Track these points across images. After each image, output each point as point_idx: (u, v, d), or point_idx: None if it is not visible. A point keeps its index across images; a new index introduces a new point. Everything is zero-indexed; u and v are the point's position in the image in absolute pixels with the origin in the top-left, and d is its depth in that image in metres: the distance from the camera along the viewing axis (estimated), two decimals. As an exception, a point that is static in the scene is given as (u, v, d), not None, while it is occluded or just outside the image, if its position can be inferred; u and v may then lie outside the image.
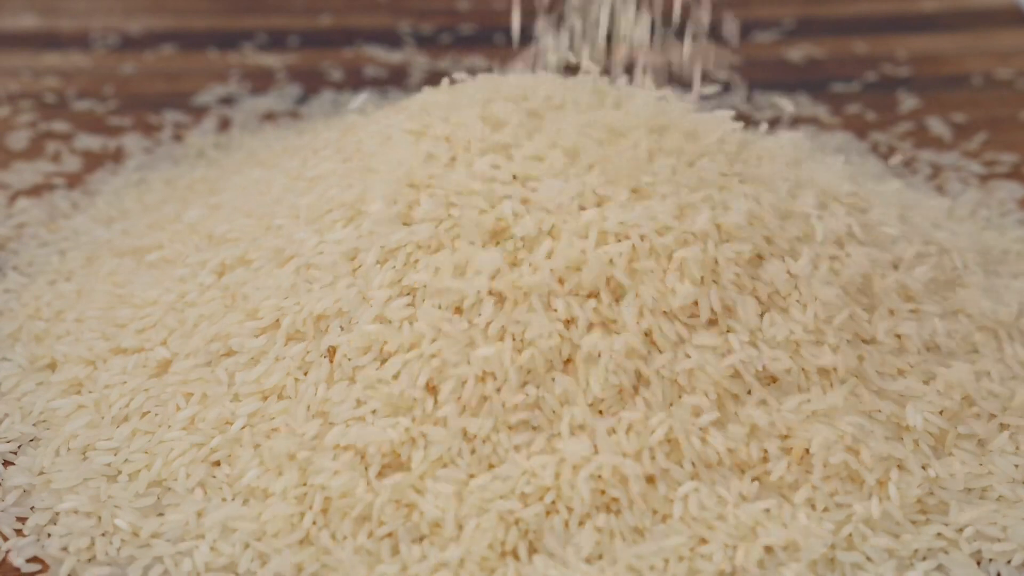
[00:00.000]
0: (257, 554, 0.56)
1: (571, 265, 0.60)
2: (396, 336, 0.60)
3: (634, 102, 0.69)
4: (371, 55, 1.13)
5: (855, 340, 0.62)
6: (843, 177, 0.70)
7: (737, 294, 0.61)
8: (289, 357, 0.62)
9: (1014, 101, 1.05)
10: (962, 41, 1.17)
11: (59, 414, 0.64)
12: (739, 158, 0.67)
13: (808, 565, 0.56)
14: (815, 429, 0.59)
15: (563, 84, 0.71)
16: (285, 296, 0.63)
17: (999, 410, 0.63)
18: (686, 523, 0.57)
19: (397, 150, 0.68)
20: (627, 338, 0.59)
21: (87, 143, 0.96)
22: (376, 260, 0.62)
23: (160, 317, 0.67)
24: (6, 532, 0.59)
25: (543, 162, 0.64)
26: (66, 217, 0.85)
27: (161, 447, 0.61)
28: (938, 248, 0.69)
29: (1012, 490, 0.60)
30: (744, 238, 0.62)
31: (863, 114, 1.04)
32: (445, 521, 0.56)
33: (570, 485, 0.56)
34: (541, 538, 0.56)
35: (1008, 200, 0.89)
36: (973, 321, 0.66)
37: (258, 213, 0.70)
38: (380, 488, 0.57)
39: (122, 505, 0.59)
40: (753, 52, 1.15)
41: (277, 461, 0.59)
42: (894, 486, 0.59)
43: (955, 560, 0.57)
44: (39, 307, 0.73)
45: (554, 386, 0.59)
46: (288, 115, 1.02)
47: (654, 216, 0.61)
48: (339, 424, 0.59)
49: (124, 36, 1.16)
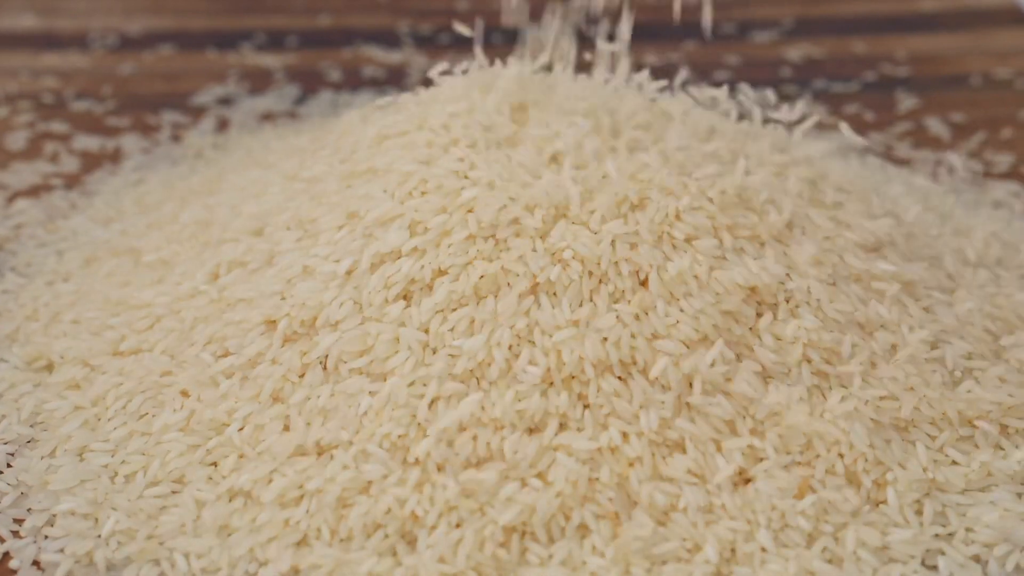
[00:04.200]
0: (254, 556, 0.56)
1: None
2: (391, 339, 0.60)
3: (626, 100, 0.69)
4: (370, 55, 1.13)
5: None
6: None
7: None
8: (285, 359, 0.62)
9: (1013, 101, 1.05)
10: (961, 41, 1.17)
11: (56, 415, 0.64)
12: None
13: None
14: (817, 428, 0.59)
15: (555, 81, 0.71)
16: (282, 298, 0.63)
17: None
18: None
19: (393, 152, 0.68)
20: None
21: (85, 143, 0.96)
22: (371, 263, 0.62)
23: (157, 319, 0.67)
24: (3, 534, 0.59)
25: (539, 164, 0.64)
26: (64, 217, 0.85)
27: (158, 448, 0.61)
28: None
29: (1012, 491, 0.60)
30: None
31: (862, 114, 1.03)
32: (443, 523, 0.56)
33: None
34: (542, 538, 0.56)
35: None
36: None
37: (255, 215, 0.70)
38: (377, 490, 0.57)
39: (119, 506, 0.59)
40: (752, 52, 1.15)
41: (274, 463, 0.59)
42: (892, 488, 0.59)
43: (954, 560, 0.57)
44: (37, 308, 0.73)
45: (553, 389, 0.59)
46: (286, 115, 1.02)
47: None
48: (335, 426, 0.59)
49: (123, 36, 1.16)
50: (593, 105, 0.69)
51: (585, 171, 0.64)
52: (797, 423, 0.59)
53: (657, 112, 0.70)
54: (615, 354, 0.59)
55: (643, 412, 0.58)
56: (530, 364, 0.59)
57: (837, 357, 0.61)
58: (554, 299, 0.60)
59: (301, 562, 0.55)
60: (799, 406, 0.60)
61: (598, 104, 0.69)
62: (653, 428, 0.58)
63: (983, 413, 0.62)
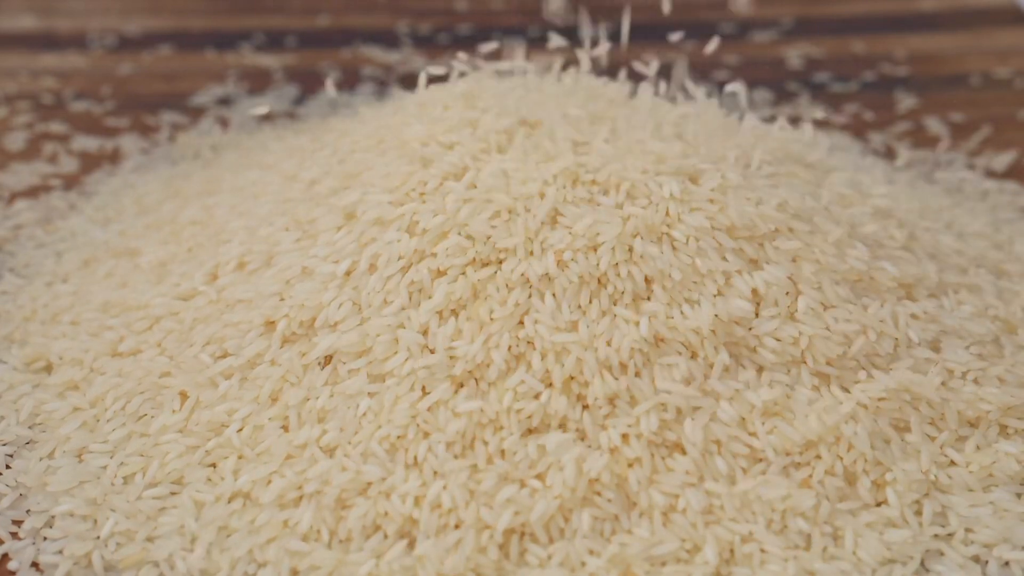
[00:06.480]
0: (253, 557, 0.56)
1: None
2: (390, 340, 0.60)
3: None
4: (369, 55, 1.13)
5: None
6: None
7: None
8: (284, 360, 0.62)
9: (1013, 101, 1.05)
10: (961, 40, 1.17)
11: (55, 416, 0.64)
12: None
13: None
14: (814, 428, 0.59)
15: (550, 83, 0.71)
16: (281, 299, 0.63)
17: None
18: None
19: (392, 153, 0.68)
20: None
21: (84, 144, 0.96)
22: (370, 264, 0.62)
23: (156, 319, 0.67)
24: (2, 535, 0.59)
25: (537, 165, 0.64)
26: (63, 218, 0.85)
27: (157, 449, 0.61)
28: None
29: (1012, 491, 0.60)
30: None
31: (861, 114, 1.03)
32: (442, 524, 0.56)
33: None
34: (541, 539, 0.56)
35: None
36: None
37: (254, 215, 0.70)
38: (376, 491, 0.57)
39: (118, 508, 0.59)
40: (752, 52, 1.15)
41: (273, 464, 0.59)
42: (891, 488, 0.59)
43: (954, 561, 0.57)
44: (35, 309, 0.73)
45: (551, 390, 0.59)
46: (285, 115, 1.02)
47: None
48: (334, 426, 0.59)
49: (121, 37, 1.16)
50: (593, 104, 0.69)
51: (585, 171, 0.64)
52: (797, 424, 0.59)
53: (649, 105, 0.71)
54: (614, 356, 0.59)
55: (643, 413, 0.58)
56: (529, 365, 0.59)
57: (837, 358, 0.61)
58: (553, 300, 0.60)
59: (300, 563, 0.55)
60: (799, 407, 0.60)
61: (597, 102, 0.69)
62: (653, 429, 0.58)
63: (983, 413, 0.62)
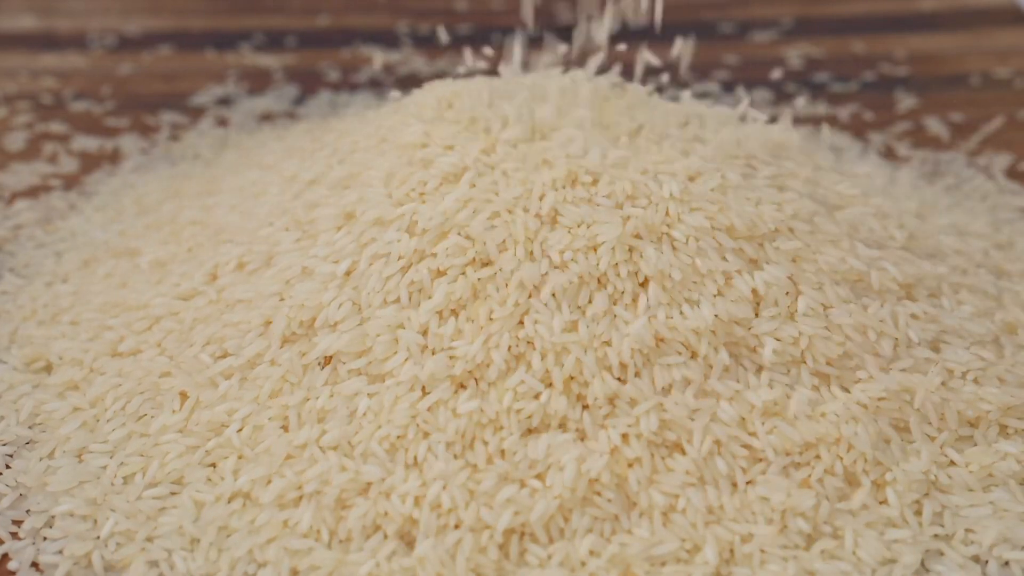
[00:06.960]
0: (253, 557, 0.56)
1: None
2: (390, 340, 0.60)
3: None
4: (369, 55, 1.13)
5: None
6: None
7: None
8: (284, 360, 0.62)
9: (1013, 101, 1.05)
10: (961, 40, 1.17)
11: (55, 416, 0.64)
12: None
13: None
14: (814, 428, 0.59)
15: (550, 82, 0.71)
16: (280, 299, 0.63)
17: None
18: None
19: (392, 153, 0.68)
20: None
21: (84, 144, 0.96)
22: (370, 264, 0.62)
23: (156, 320, 0.67)
24: (2, 535, 0.59)
25: (537, 165, 0.64)
26: (63, 218, 0.85)
27: (157, 450, 0.61)
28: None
29: (1012, 491, 0.60)
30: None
31: (861, 114, 1.03)
32: (442, 524, 0.56)
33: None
34: (541, 539, 0.56)
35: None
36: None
37: (254, 215, 0.70)
38: (376, 491, 0.57)
39: (118, 508, 0.59)
40: (751, 52, 1.15)
41: (273, 464, 0.59)
42: (891, 488, 0.59)
43: (954, 561, 0.57)
44: (35, 309, 0.73)
45: (551, 391, 0.59)
46: (285, 116, 1.02)
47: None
48: (334, 426, 0.59)
49: (121, 37, 1.16)
50: (593, 103, 0.69)
51: (584, 171, 0.64)
52: (797, 424, 0.59)
53: (651, 105, 0.71)
54: (614, 356, 0.59)
55: (643, 413, 0.58)
56: (529, 366, 0.59)
57: (837, 358, 0.61)
58: (553, 301, 0.60)
59: (300, 563, 0.55)
60: (799, 407, 0.60)
61: (598, 102, 0.69)
62: (653, 429, 0.58)
63: (983, 413, 0.62)
